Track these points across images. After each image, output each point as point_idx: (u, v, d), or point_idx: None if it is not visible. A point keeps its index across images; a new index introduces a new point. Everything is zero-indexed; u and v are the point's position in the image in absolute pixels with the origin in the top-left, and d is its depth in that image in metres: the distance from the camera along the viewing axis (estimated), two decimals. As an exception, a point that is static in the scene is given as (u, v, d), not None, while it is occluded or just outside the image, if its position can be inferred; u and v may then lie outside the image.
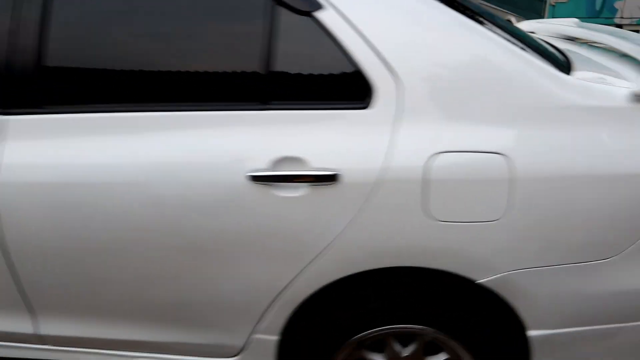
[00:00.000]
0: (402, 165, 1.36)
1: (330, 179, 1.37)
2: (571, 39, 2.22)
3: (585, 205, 1.36)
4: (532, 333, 1.47)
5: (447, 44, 1.38)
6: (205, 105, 1.44)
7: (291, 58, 1.42)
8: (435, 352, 1.63)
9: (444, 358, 1.61)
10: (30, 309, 1.62)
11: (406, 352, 1.61)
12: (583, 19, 5.85)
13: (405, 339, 1.62)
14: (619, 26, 6.24)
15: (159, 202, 1.43)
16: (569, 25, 2.31)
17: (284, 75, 1.42)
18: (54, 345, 1.69)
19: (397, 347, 1.61)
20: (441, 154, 1.36)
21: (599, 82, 1.42)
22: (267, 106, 1.42)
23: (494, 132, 1.36)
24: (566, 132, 1.36)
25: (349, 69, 1.40)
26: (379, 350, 1.64)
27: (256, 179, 1.39)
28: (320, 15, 1.40)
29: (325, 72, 1.42)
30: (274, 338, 1.56)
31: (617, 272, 1.42)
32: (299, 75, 1.43)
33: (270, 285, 1.48)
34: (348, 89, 1.40)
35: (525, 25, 2.53)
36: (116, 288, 1.54)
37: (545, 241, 1.38)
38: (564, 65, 1.54)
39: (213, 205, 1.42)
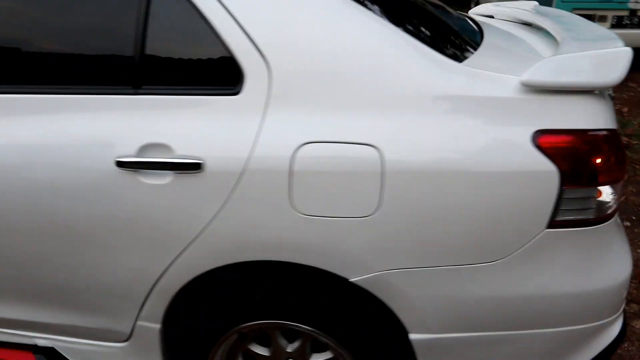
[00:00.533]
0: (268, 155, 1.30)
1: (195, 167, 1.32)
2: (527, 24, 2.10)
3: (462, 203, 1.27)
4: (413, 337, 1.41)
5: (321, 28, 1.30)
6: (76, 88, 1.40)
7: (162, 40, 1.37)
8: (324, 349, 1.58)
9: (329, 357, 1.56)
10: None
11: (290, 348, 1.56)
12: (596, 3, 5.53)
13: (292, 334, 1.57)
14: (634, 11, 5.90)
15: (31, 185, 1.41)
16: (525, 9, 2.18)
17: (155, 58, 1.37)
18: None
19: (283, 342, 1.57)
20: (308, 145, 1.29)
21: (492, 70, 1.32)
22: (138, 91, 1.37)
23: (366, 123, 1.28)
24: (443, 123, 1.27)
25: (220, 53, 1.34)
26: (267, 344, 1.60)
27: (123, 165, 1.35)
28: (190, -6, 1.34)
29: (197, 56, 1.36)
30: (157, 326, 1.54)
31: (504, 277, 1.33)
32: (170, 58, 1.37)
33: (145, 273, 1.45)
34: (219, 73, 1.34)
35: (482, 9, 2.40)
36: (2, 268, 1.54)
37: (420, 241, 1.31)
38: (463, 51, 1.44)
39: (83, 190, 1.39)
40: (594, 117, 1.28)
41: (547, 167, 1.24)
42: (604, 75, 1.24)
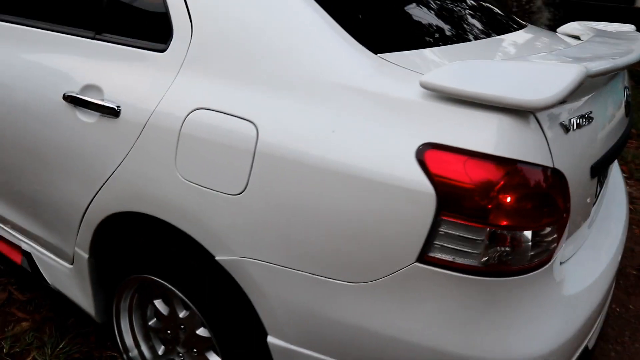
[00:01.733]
0: (166, 113, 1.32)
1: (113, 112, 1.41)
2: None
3: (329, 206, 1.13)
4: (271, 340, 1.30)
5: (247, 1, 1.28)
6: (52, 26, 1.60)
7: None
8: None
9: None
10: None
11: (183, 314, 1.55)
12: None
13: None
14: None
15: (7, 105, 1.66)
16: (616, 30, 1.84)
17: (112, 10, 1.49)
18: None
19: (180, 307, 1.56)
20: (199, 110, 1.28)
21: (409, 68, 1.16)
22: (95, 36, 1.51)
23: (256, 98, 1.22)
24: (328, 114, 1.15)
25: (160, 12, 1.40)
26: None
27: (67, 98, 1.50)
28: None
29: (142, 15, 1.44)
30: (86, 256, 1.67)
31: (367, 306, 1.16)
32: (123, 12, 1.48)
33: (77, 200, 1.57)
34: (155, 31, 1.41)
35: (568, 28, 2.04)
36: None
37: (283, 236, 1.20)
38: (405, 45, 1.28)
39: (39, 116, 1.58)
40: (504, 141, 1.03)
41: (425, 188, 1.04)
42: (526, 94, 0.99)
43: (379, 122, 1.10)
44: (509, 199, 1.02)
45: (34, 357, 1.82)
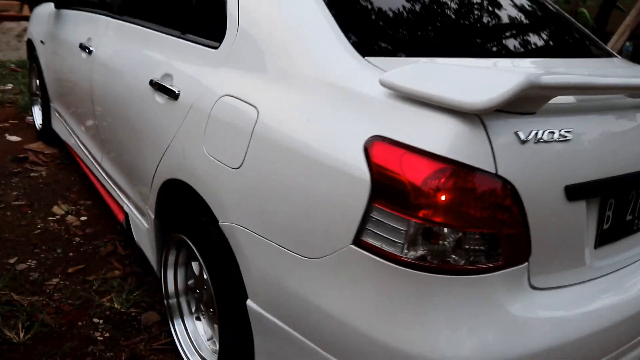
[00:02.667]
0: (205, 98, 1.60)
1: (174, 95, 1.74)
2: None
3: (295, 185, 1.29)
4: (249, 303, 1.47)
5: (274, 6, 1.51)
6: (149, 25, 2.02)
7: (194, 5, 1.84)
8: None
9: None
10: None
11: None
12: None
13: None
14: None
15: (116, 86, 2.11)
16: None
17: (190, 17, 1.85)
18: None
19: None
20: (225, 97, 1.53)
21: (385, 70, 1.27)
22: (181, 35, 1.87)
23: (262, 86, 1.44)
24: (310, 105, 1.31)
25: (222, 17, 1.70)
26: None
27: (151, 83, 1.88)
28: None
29: (209, 20, 1.76)
30: (153, 216, 2.02)
31: (314, 280, 1.27)
32: (202, 16, 1.82)
33: (149, 167, 1.92)
34: (217, 33, 1.70)
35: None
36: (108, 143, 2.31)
37: (263, 209, 1.38)
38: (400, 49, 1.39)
39: (134, 96, 1.99)
40: (442, 140, 1.09)
41: (363, 175, 1.14)
42: (466, 96, 1.05)
43: (344, 115, 1.23)
44: (437, 196, 1.07)
45: (111, 297, 2.22)
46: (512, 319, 1.17)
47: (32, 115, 4.00)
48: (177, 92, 1.72)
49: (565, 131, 1.18)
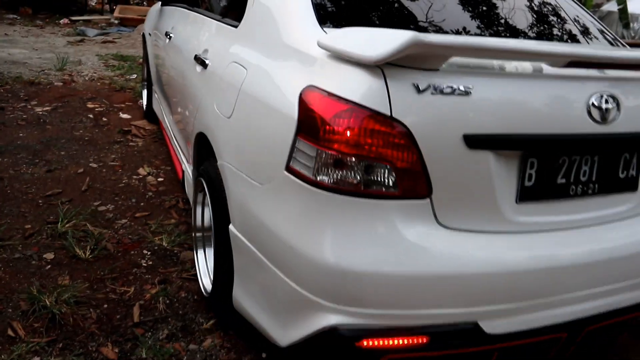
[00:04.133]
0: (220, 66, 2.02)
1: (205, 65, 2.18)
2: None
3: (255, 126, 1.66)
4: (230, 227, 1.83)
5: None
6: (203, 12, 2.48)
7: None
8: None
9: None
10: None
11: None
12: None
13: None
14: None
15: (176, 66, 2.60)
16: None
17: (228, 4, 2.27)
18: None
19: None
20: (233, 63, 1.93)
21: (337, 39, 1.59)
22: (219, 19, 2.31)
23: (253, 53, 1.82)
24: (276, 66, 1.67)
25: (244, 2, 2.10)
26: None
27: (195, 58, 2.34)
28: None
29: (240, 3, 2.17)
30: (191, 167, 2.47)
31: (263, 203, 1.61)
32: (232, 4, 2.24)
33: (190, 124, 2.40)
34: (239, 15, 2.11)
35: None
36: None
37: (240, 146, 1.76)
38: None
39: (184, 69, 2.47)
40: (348, 86, 1.38)
41: (294, 115, 1.47)
42: (365, 51, 1.34)
43: (296, 71, 1.56)
44: (339, 130, 1.36)
45: (162, 238, 2.72)
46: (408, 243, 1.40)
47: (142, 99, 4.75)
48: (207, 62, 2.15)
49: (467, 87, 1.40)
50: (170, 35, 3.08)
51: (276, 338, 1.60)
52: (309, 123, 1.41)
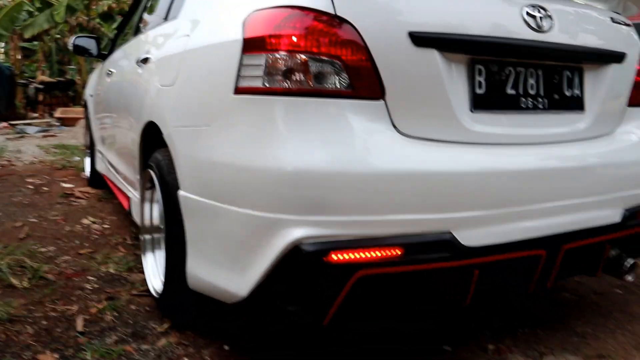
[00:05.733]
0: (164, 50, 2.02)
1: (147, 60, 2.17)
2: None
3: (198, 65, 1.66)
4: (180, 192, 1.72)
5: None
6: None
7: None
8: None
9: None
10: None
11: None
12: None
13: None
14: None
15: (114, 93, 2.58)
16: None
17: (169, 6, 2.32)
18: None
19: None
20: (174, 40, 1.93)
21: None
22: (162, 20, 2.34)
23: (203, 18, 1.82)
24: (218, 13, 1.69)
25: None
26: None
27: (137, 63, 2.33)
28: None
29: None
30: (137, 193, 2.36)
31: (213, 142, 1.54)
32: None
33: (135, 122, 2.32)
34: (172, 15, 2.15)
35: None
36: None
37: (182, 105, 1.72)
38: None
39: (127, 80, 2.45)
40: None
41: (239, 37, 1.46)
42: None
43: (240, 5, 1.55)
44: (286, 33, 1.35)
45: (108, 266, 2.52)
46: (366, 142, 1.36)
47: (85, 171, 4.63)
48: (149, 57, 2.15)
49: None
50: (111, 71, 3.08)
51: (237, 290, 1.47)
52: (255, 37, 1.40)
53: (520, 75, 1.61)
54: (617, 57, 1.79)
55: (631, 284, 2.52)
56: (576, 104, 1.74)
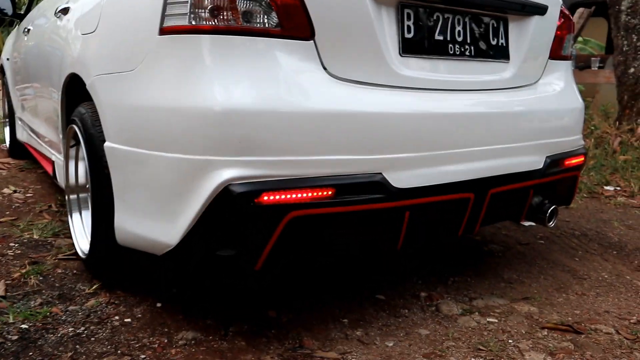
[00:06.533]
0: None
1: (68, 10, 2.05)
2: None
3: (123, 13, 1.57)
4: (106, 144, 1.65)
5: None
6: None
7: None
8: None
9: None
10: None
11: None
12: None
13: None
14: None
15: (34, 51, 2.44)
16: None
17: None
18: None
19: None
20: None
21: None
22: None
23: None
24: None
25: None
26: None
27: (55, 14, 2.20)
28: None
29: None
30: (61, 156, 2.25)
31: (137, 87, 1.48)
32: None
33: (57, 75, 2.18)
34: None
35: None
36: None
37: (106, 48, 1.64)
38: None
39: (47, 37, 2.31)
40: None
41: None
42: None
43: None
44: None
45: (32, 232, 2.40)
46: (295, 81, 1.35)
47: (5, 141, 4.37)
48: (68, 6, 2.03)
49: None
50: (29, 28, 2.90)
51: (167, 240, 1.43)
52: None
53: (448, 22, 1.64)
54: (539, 9, 1.85)
55: (552, 234, 2.67)
56: (501, 54, 1.80)
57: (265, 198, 1.31)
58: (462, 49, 1.67)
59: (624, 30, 4.96)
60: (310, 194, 1.35)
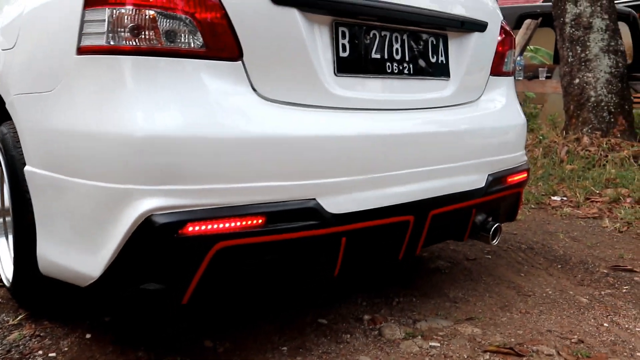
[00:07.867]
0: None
1: None
2: None
3: (40, 31, 1.47)
4: (26, 168, 1.54)
5: None
6: None
7: None
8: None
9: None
10: None
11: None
12: None
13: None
14: None
15: None
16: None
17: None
18: None
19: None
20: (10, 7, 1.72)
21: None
22: None
23: None
24: None
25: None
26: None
27: None
28: None
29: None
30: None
31: (57, 109, 1.38)
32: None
33: None
34: None
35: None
36: None
37: (24, 66, 1.53)
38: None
39: None
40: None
41: None
42: None
43: None
44: None
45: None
46: (220, 105, 1.28)
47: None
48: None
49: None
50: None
51: (89, 271, 1.34)
52: (94, -12, 1.26)
53: (385, 40, 1.60)
54: (479, 26, 1.84)
55: (499, 249, 2.67)
56: (441, 71, 1.77)
57: (190, 229, 1.23)
58: (401, 67, 1.64)
59: (569, 42, 5.08)
60: (239, 223, 1.28)
